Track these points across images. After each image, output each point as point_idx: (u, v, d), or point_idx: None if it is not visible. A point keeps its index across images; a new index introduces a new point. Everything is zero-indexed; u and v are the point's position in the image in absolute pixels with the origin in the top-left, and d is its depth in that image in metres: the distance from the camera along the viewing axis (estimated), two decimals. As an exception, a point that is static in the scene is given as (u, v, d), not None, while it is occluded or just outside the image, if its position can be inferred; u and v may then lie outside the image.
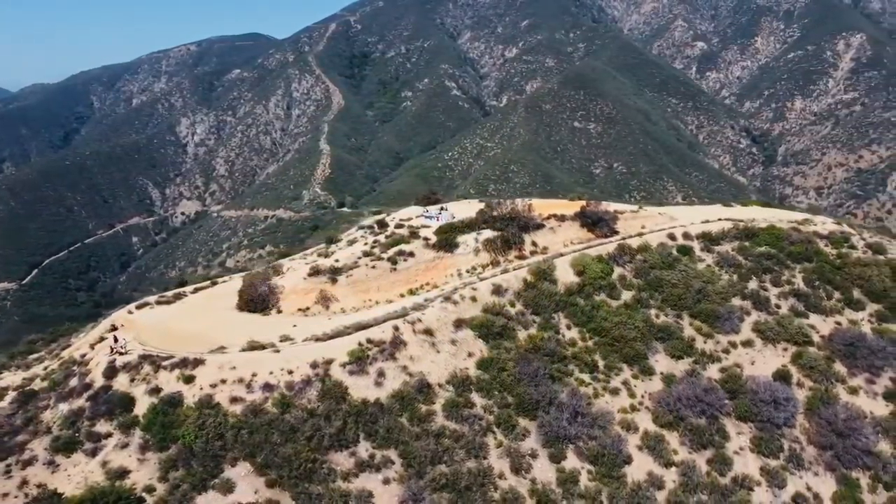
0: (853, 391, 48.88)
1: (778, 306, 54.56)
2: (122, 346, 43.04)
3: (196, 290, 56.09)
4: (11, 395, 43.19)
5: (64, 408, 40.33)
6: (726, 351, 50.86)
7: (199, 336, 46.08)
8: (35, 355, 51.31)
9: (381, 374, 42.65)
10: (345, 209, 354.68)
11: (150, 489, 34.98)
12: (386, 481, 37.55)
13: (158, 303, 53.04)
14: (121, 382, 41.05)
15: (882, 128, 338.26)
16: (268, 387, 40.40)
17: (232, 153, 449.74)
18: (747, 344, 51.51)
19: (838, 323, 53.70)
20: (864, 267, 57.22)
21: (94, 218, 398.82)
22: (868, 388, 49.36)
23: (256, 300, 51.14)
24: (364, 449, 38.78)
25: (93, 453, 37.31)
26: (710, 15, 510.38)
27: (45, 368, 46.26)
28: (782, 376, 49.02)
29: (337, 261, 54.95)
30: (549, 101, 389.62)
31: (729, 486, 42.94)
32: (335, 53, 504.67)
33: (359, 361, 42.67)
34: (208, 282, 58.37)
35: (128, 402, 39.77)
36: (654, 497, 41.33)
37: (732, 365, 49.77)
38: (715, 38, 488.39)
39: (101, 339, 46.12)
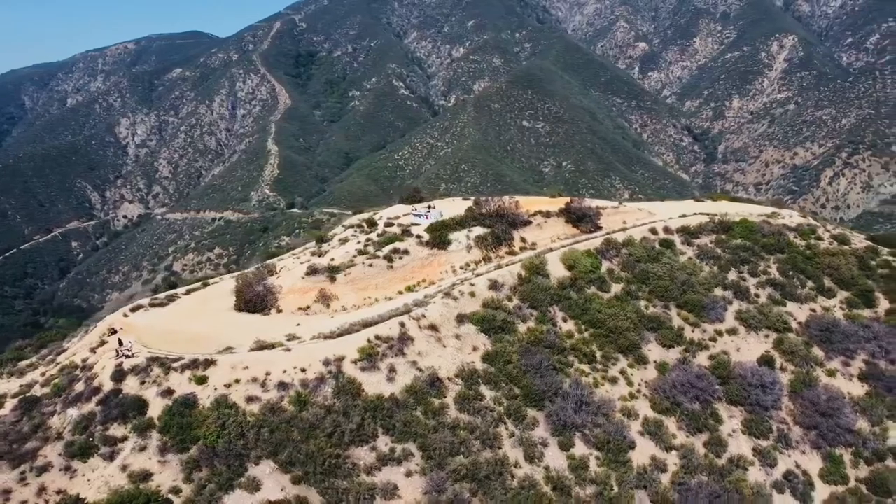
0: (831, 374, 51.84)
1: (757, 295, 57.34)
2: (128, 350, 42.40)
3: (188, 292, 55.45)
4: (11, 402, 42.07)
5: (73, 413, 39.58)
6: (713, 339, 53.20)
7: (203, 337, 45.80)
8: (26, 362, 49.90)
9: (392, 369, 43.24)
10: (295, 210, 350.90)
11: (175, 490, 34.84)
12: (408, 474, 38.22)
13: (153, 305, 52.29)
14: (130, 385, 40.51)
15: (815, 126, 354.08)
16: (283, 385, 40.54)
17: (175, 154, 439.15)
18: (732, 332, 54.01)
19: (813, 310, 56.79)
20: (832, 256, 60.60)
21: (30, 223, 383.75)
22: (844, 371, 52.43)
23: (255, 300, 50.98)
24: (384, 443, 39.35)
25: (110, 457, 36.82)
26: (650, 16, 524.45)
27: (43, 374, 45.13)
28: (767, 361, 51.63)
29: (332, 259, 55.17)
30: (498, 101, 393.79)
31: (726, 466, 45.13)
32: (280, 52, 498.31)
33: (369, 358, 43.15)
34: (199, 283, 57.70)
35: (141, 404, 39.31)
36: (658, 479, 43.17)
37: (720, 352, 52.11)
38: (656, 39, 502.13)
39: (103, 342, 45.30)
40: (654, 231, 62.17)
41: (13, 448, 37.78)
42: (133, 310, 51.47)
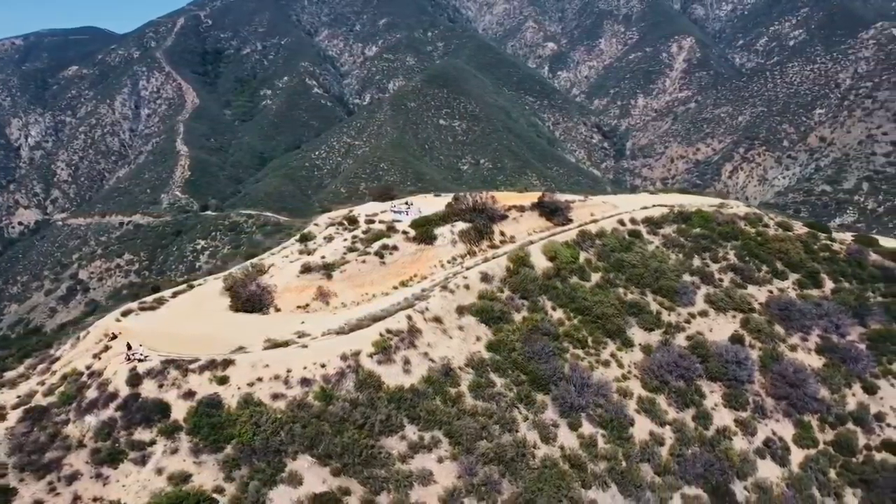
0: (793, 348, 56.79)
1: (721, 280, 61.84)
2: (141, 354, 41.49)
3: (175, 295, 54.24)
4: (15, 413, 40.34)
5: (92, 420, 38.49)
6: (688, 321, 57.13)
7: (210, 338, 45.30)
8: (13, 373, 47.66)
9: (406, 361, 44.36)
10: (209, 212, 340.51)
11: (219, 489, 34.74)
12: (440, 460, 39.56)
13: (142, 309, 50.93)
14: (148, 389, 39.75)
15: (714, 123, 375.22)
16: (305, 381, 40.91)
17: (75, 156, 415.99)
18: (703, 314, 58.12)
19: (770, 291, 61.82)
20: (781, 242, 66.03)
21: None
22: (803, 345, 57.53)
23: (253, 300, 50.67)
24: (412, 432, 40.50)
25: (142, 461, 36.18)
26: (557, 17, 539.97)
27: (42, 384, 43.40)
28: (737, 339, 55.97)
29: (323, 257, 55.46)
30: (414, 100, 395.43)
31: (714, 437, 48.92)
32: (185, 50, 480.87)
33: (384, 351, 44.07)
34: (185, 285, 56.51)
35: (164, 407, 38.70)
36: (658, 452, 46.40)
37: (696, 333, 56.05)
38: (564, 40, 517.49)
39: (106, 348, 44.01)
40: (622, 222, 65.73)
41: (33, 459, 36.46)
42: (124, 314, 50.00)
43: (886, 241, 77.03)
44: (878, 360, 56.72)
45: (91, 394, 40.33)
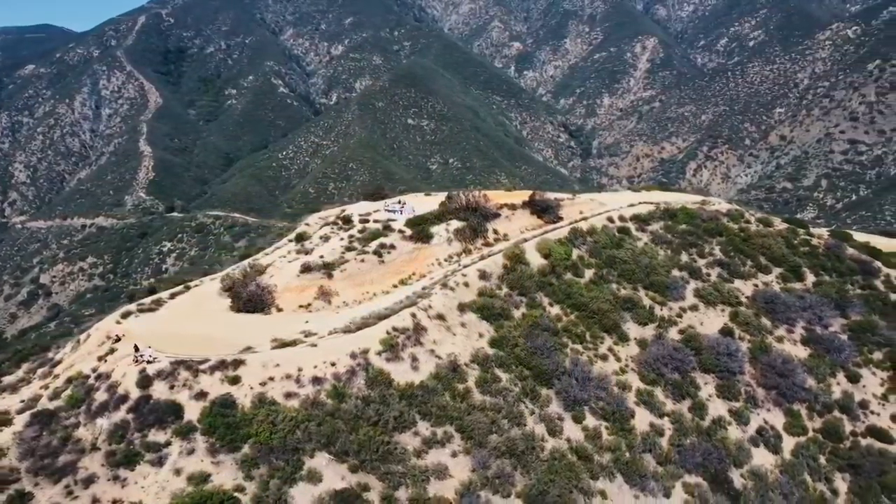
0: (780, 340, 58.66)
1: (708, 275, 63.54)
2: (149, 355, 41.26)
3: (173, 296, 53.87)
4: (21, 418, 39.80)
5: (103, 423, 38.17)
6: (679, 315, 58.59)
7: (214, 338, 45.21)
8: (11, 377, 46.89)
9: (414, 358, 44.85)
10: (175, 214, 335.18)
11: (239, 488, 34.83)
12: (454, 454, 40.16)
13: (141, 310, 50.52)
14: (160, 391, 39.55)
15: (678, 122, 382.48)
16: (317, 380, 41.13)
17: (34, 158, 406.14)
18: (694, 308, 59.70)
19: (756, 285, 63.73)
20: (763, 238, 68.09)
21: None
22: (789, 337, 59.46)
23: (254, 300, 50.59)
24: (424, 428, 41.01)
25: (159, 463, 36.06)
26: (523, 17, 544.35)
27: (46, 387, 42.85)
28: (727, 332, 57.64)
29: (322, 256, 55.61)
30: (382, 99, 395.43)
31: (710, 427, 50.34)
32: (147, 48, 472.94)
33: (392, 349, 44.50)
34: (182, 286, 56.10)
35: (176, 408, 38.58)
36: (659, 443, 47.66)
37: (687, 327, 57.54)
38: (529, 39, 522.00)
39: (111, 350, 43.62)
40: (611, 220, 67.06)
41: (46, 463, 36.08)
42: (123, 316, 49.53)
43: (858, 236, 79.89)
44: (859, 350, 58.92)
45: (100, 396, 39.97)
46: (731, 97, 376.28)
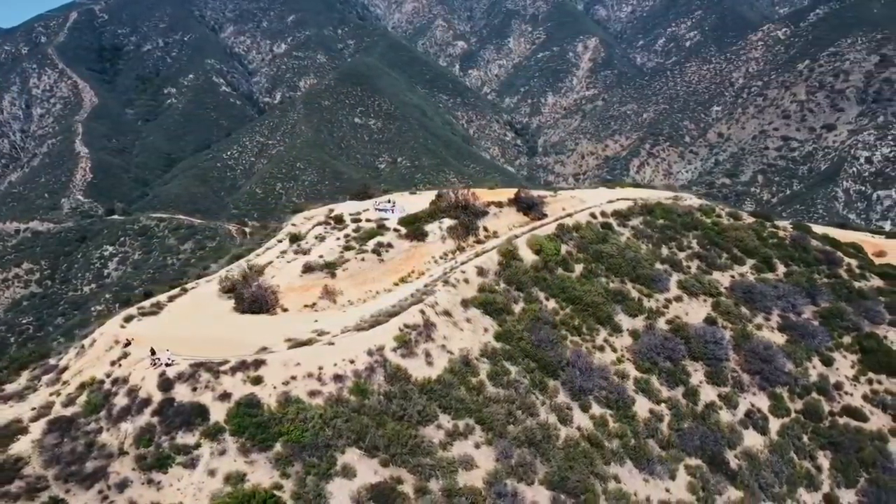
0: (759, 327, 61.82)
1: (689, 267, 66.34)
2: (168, 359, 40.93)
3: (171, 299, 53.20)
4: (38, 426, 39.03)
5: (128, 427, 37.77)
6: (666, 306, 61.09)
7: (226, 340, 45.17)
8: (14, 386, 45.63)
9: (427, 354, 45.78)
10: (116, 217, 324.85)
11: (277, 486, 35.10)
12: (476, 445, 41.31)
13: (143, 314, 49.83)
14: (182, 393, 39.33)
15: (620, 120, 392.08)
16: (338, 378, 41.63)
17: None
18: (678, 299, 62.31)
19: (733, 276, 66.88)
20: (736, 231, 71.43)
21: None
22: (767, 324, 62.71)
23: (259, 301, 50.49)
24: (446, 421, 42.00)
25: (192, 465, 35.98)
26: (466, 16, 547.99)
27: (57, 394, 42.02)
28: (711, 321, 60.46)
29: (321, 256, 55.85)
30: (328, 98, 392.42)
31: (703, 411, 52.88)
32: (80, 46, 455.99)
33: (406, 345, 45.30)
34: (179, 290, 55.36)
35: (202, 410, 38.49)
36: (660, 428, 49.90)
37: (674, 317, 60.06)
38: (473, 38, 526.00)
39: (124, 354, 42.99)
40: (594, 216, 69.20)
41: (74, 469, 35.58)
42: (126, 319, 48.78)
43: (816, 228, 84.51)
44: (831, 335, 62.61)
45: (121, 401, 39.49)
46: (670, 96, 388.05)
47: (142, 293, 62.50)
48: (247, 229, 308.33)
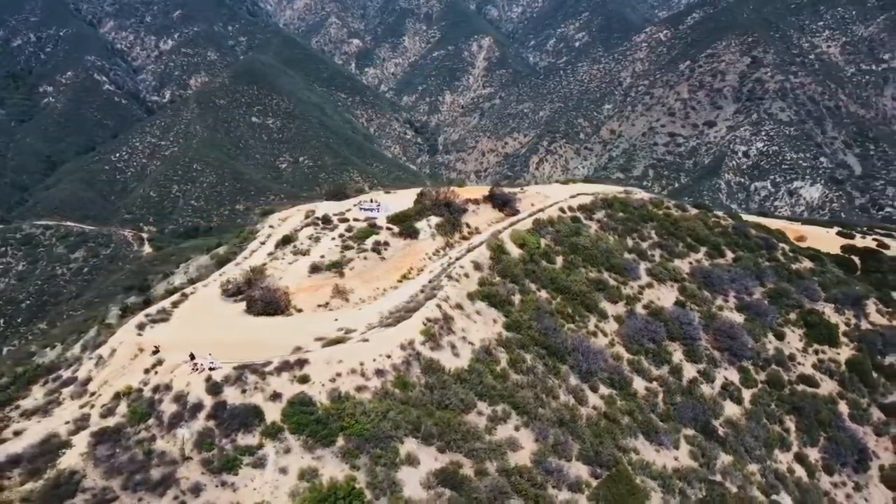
0: (721, 308, 67.74)
1: (653, 256, 71.45)
2: (210, 363, 40.60)
3: (174, 304, 51.96)
4: (81, 439, 37.76)
5: (185, 433, 37.34)
6: (640, 293, 65.71)
7: (255, 342, 45.19)
8: (33, 400, 43.47)
9: (452, 346, 47.69)
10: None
11: (351, 479, 36.03)
12: (516, 428, 43.70)
13: (153, 321, 48.65)
14: (232, 396, 39.25)
15: (518, 118, 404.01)
16: (380, 372, 42.85)
17: None
18: (649, 286, 67.16)
19: (691, 262, 72.65)
20: (687, 221, 77.44)
21: None
22: (726, 305, 68.79)
23: (272, 303, 50.44)
24: (484, 407, 44.11)
25: (261, 464, 36.23)
26: (360, 14, 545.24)
27: (91, 406, 40.62)
28: (681, 304, 65.66)
29: (323, 256, 56.24)
30: (223, 97, 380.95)
31: (688, 387, 57.70)
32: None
33: (432, 338, 47.00)
34: (179, 295, 53.97)
35: (257, 411, 38.68)
36: (658, 403, 54.14)
37: (649, 302, 64.77)
38: (368, 36, 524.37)
39: (160, 361, 42.08)
40: (562, 210, 73.01)
41: (141, 478, 34.93)
42: (139, 327, 47.48)
43: (746, 217, 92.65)
44: (779, 312, 69.52)
45: (169, 407, 38.90)
46: (564, 94, 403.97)
47: (141, 301, 60.22)
48: (144, 235, 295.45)
